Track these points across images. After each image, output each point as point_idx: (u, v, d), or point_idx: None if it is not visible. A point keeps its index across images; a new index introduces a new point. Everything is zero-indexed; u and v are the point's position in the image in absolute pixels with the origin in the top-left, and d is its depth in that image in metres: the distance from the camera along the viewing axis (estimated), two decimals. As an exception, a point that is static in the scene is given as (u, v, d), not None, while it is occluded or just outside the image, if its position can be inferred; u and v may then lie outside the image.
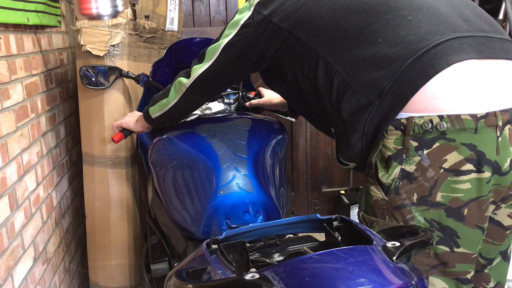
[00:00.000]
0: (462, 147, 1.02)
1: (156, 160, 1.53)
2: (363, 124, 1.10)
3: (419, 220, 1.08)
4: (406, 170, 1.06)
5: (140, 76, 1.83)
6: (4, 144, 1.45)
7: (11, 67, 1.54)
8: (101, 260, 2.14)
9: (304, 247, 1.11)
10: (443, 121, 1.01)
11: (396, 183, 1.08)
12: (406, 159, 1.06)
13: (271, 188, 1.38)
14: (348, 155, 1.20)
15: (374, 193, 1.13)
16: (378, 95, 1.06)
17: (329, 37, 1.15)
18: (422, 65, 1.03)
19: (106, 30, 1.91)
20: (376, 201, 1.13)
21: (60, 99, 2.09)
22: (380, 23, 1.10)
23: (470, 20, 1.11)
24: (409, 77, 1.03)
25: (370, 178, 1.14)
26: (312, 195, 3.18)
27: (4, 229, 1.41)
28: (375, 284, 0.77)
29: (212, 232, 1.31)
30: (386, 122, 1.07)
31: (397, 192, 1.08)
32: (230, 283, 0.80)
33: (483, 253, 1.22)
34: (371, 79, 1.07)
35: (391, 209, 1.10)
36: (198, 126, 1.47)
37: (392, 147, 1.07)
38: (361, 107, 1.09)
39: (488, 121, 1.01)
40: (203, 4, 2.85)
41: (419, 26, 1.07)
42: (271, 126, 1.53)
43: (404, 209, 1.09)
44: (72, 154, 2.23)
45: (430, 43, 1.04)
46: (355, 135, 1.13)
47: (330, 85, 1.14)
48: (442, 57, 1.02)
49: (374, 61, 1.07)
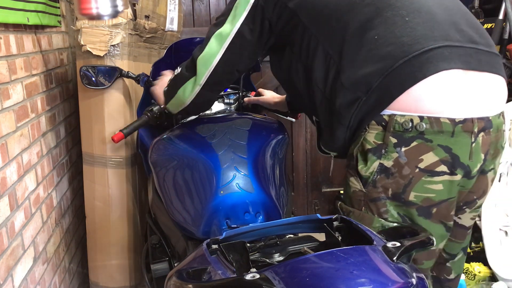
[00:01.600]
0: (438, 148, 1.07)
1: (156, 160, 1.53)
2: (349, 118, 1.13)
3: (392, 214, 1.14)
4: (384, 164, 1.11)
5: (140, 76, 1.83)
6: (4, 144, 1.45)
7: (11, 67, 1.54)
8: (101, 260, 2.14)
9: (304, 247, 1.11)
10: (423, 121, 1.06)
11: (374, 176, 1.12)
12: (384, 154, 1.10)
13: (271, 188, 1.38)
14: (331, 146, 1.25)
15: (353, 184, 1.17)
16: (365, 91, 1.10)
17: (330, 27, 1.18)
18: (412, 68, 1.06)
19: (106, 30, 1.91)
20: (354, 192, 1.18)
21: (60, 99, 2.09)
22: (379, 20, 1.12)
23: (462, 30, 1.14)
24: (398, 77, 1.07)
25: (351, 170, 1.19)
26: (312, 195, 3.18)
27: (4, 229, 1.41)
28: (376, 284, 0.77)
29: (212, 232, 1.30)
30: (370, 117, 1.11)
31: (374, 185, 1.13)
32: (230, 283, 0.81)
33: (447, 249, 1.29)
34: (361, 75, 1.10)
35: (367, 200, 1.15)
36: (198, 126, 1.47)
37: (373, 141, 1.12)
38: (349, 101, 1.12)
39: (465, 126, 1.07)
40: (203, 4, 2.85)
41: (415, 28, 1.10)
42: (271, 126, 1.53)
43: (379, 202, 1.14)
44: (72, 154, 2.23)
45: (423, 47, 1.07)
46: (340, 128, 1.17)
47: (325, 76, 1.17)
48: (432, 63, 1.06)
49: (367, 57, 1.11)
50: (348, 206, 1.21)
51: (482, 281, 2.21)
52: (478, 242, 2.32)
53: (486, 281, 2.20)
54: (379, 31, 1.11)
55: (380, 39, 1.10)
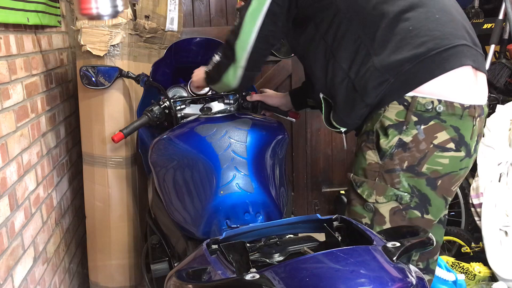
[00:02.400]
0: (450, 128, 1.26)
1: (156, 160, 1.53)
2: (374, 97, 1.28)
3: (403, 184, 1.29)
4: (403, 139, 1.26)
5: (140, 76, 1.83)
6: (4, 144, 1.45)
7: (11, 67, 1.54)
8: (101, 260, 2.14)
9: (304, 247, 1.11)
10: (440, 104, 1.24)
11: (392, 149, 1.28)
12: (405, 130, 1.26)
13: (271, 188, 1.38)
14: (345, 121, 1.37)
15: (369, 157, 1.32)
16: (395, 74, 1.25)
17: (365, 13, 1.29)
18: (441, 59, 1.24)
19: (106, 30, 1.91)
20: (369, 164, 1.32)
21: (60, 99, 2.09)
22: (412, 14, 1.28)
23: (469, 33, 1.34)
24: (428, 66, 1.24)
25: (369, 143, 1.33)
26: (312, 195, 3.18)
27: (4, 229, 1.41)
28: (376, 285, 0.77)
29: (212, 232, 1.30)
30: (393, 97, 1.26)
31: (391, 157, 1.28)
32: (230, 283, 0.81)
33: None
34: (394, 60, 1.24)
35: (382, 172, 1.30)
36: (198, 126, 1.47)
37: (394, 119, 1.27)
38: (378, 82, 1.26)
39: (470, 111, 1.27)
40: (203, 4, 2.85)
41: (444, 25, 1.29)
42: (271, 126, 1.53)
43: (394, 173, 1.29)
44: (72, 154, 2.23)
45: (451, 42, 1.26)
46: (361, 105, 1.30)
47: (353, 57, 1.29)
48: (456, 57, 1.26)
49: (400, 45, 1.25)
50: (361, 177, 1.34)
51: (482, 281, 2.21)
52: (478, 242, 2.32)
53: (486, 281, 2.20)
54: (413, 23, 1.26)
55: (415, 30, 1.26)
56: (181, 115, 1.70)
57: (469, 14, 2.75)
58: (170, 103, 1.69)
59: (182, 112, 1.71)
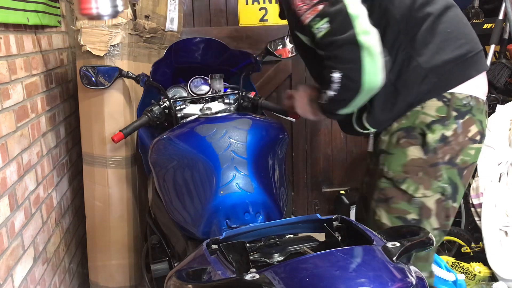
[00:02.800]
0: (477, 121, 1.37)
1: (156, 160, 1.52)
2: (415, 95, 1.33)
3: (444, 177, 1.36)
4: (444, 134, 1.33)
5: (140, 76, 1.83)
6: (4, 144, 1.45)
7: (11, 67, 1.54)
8: (101, 260, 2.14)
9: (304, 247, 1.11)
10: (472, 99, 1.34)
11: (436, 144, 1.34)
12: (446, 125, 1.33)
13: (271, 188, 1.38)
14: (381, 122, 1.39)
15: (412, 153, 1.36)
16: (439, 73, 1.31)
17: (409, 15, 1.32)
18: (474, 61, 1.35)
19: (106, 30, 1.91)
20: (412, 160, 1.36)
21: (60, 99, 2.09)
22: (446, 17, 1.34)
23: None
24: (466, 67, 1.34)
25: (412, 140, 1.36)
26: (312, 195, 3.18)
27: (4, 229, 1.41)
28: (375, 284, 0.77)
29: (212, 232, 1.30)
30: (432, 94, 1.33)
31: (435, 151, 1.34)
32: (230, 283, 0.81)
33: None
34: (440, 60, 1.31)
35: (427, 166, 1.35)
36: (198, 126, 1.47)
37: (435, 115, 1.33)
38: (421, 81, 1.31)
39: (486, 106, 1.41)
40: (203, 4, 2.85)
41: (471, 30, 1.40)
42: (271, 126, 1.53)
43: (437, 167, 1.35)
44: (72, 154, 2.23)
45: (479, 46, 1.39)
46: (402, 104, 1.34)
47: (393, 58, 1.32)
48: (483, 59, 1.40)
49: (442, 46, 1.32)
50: (400, 173, 1.37)
51: (482, 281, 2.21)
52: (478, 242, 2.32)
53: (486, 281, 2.20)
54: (449, 26, 1.34)
55: (453, 33, 1.33)
56: (181, 115, 1.70)
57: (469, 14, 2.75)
58: (170, 103, 1.69)
59: (182, 112, 1.71)
